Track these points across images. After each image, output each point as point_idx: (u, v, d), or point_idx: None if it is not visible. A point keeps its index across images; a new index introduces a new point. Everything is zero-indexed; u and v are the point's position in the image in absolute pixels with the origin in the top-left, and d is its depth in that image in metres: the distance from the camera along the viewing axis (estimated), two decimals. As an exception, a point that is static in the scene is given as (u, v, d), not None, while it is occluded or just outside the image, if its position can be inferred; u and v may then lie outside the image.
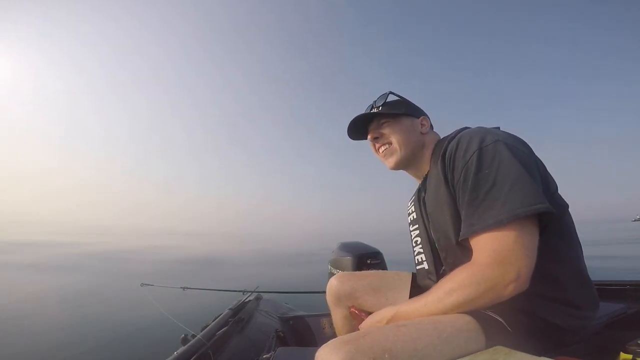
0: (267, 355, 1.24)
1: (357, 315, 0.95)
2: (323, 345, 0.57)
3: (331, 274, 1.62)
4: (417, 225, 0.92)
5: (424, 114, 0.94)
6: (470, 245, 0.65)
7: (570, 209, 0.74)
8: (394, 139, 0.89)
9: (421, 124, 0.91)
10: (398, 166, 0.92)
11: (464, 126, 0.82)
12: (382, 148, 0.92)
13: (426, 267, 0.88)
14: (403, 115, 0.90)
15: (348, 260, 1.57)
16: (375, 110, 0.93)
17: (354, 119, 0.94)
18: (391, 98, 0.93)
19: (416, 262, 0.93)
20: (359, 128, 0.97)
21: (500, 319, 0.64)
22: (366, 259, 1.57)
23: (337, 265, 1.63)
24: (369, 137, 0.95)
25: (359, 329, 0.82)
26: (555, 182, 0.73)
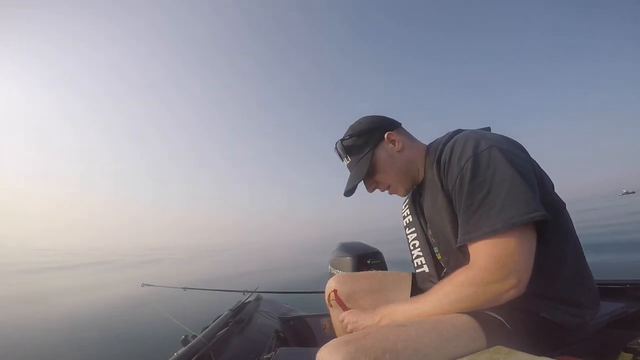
0: (268, 356, 1.24)
1: (338, 302, 0.96)
2: (324, 346, 0.57)
3: (331, 275, 1.61)
4: (413, 229, 0.92)
5: (384, 127, 0.87)
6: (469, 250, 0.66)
7: (567, 200, 0.74)
8: (388, 179, 0.88)
9: (391, 143, 0.86)
10: (408, 192, 0.92)
11: (457, 128, 0.80)
12: (386, 190, 0.92)
13: (426, 270, 0.88)
14: (371, 151, 0.86)
15: (348, 260, 1.57)
16: (346, 162, 0.91)
17: (349, 190, 0.90)
18: (347, 142, 0.89)
19: (415, 265, 0.93)
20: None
21: (501, 319, 0.64)
22: (366, 259, 1.57)
23: (337, 265, 1.63)
24: (368, 190, 0.92)
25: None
26: (551, 181, 0.73)
